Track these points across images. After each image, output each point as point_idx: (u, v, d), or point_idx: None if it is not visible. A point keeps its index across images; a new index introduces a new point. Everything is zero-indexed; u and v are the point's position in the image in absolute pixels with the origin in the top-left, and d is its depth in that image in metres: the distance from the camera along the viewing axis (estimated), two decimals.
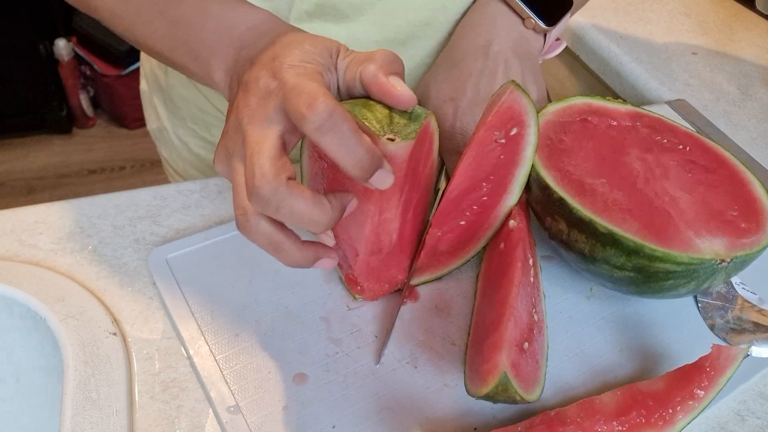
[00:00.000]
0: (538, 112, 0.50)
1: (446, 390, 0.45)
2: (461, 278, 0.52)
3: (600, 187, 0.47)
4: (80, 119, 2.36)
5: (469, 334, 0.47)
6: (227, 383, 0.44)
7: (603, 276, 0.47)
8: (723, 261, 0.42)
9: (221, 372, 0.44)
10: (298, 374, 0.45)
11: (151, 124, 0.79)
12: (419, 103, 0.56)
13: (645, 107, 0.55)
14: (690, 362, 0.42)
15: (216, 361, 0.45)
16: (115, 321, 0.48)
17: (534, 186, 0.49)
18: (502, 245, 0.49)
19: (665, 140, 0.51)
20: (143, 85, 0.78)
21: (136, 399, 0.43)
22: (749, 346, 0.45)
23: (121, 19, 0.49)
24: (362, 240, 0.46)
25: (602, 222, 0.44)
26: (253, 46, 0.41)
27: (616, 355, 0.48)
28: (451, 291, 0.51)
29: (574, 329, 0.49)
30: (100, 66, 2.21)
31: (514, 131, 0.47)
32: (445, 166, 0.56)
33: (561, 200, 0.46)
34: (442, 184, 0.56)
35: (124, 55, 2.13)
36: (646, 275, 0.44)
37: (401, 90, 0.39)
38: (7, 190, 2.14)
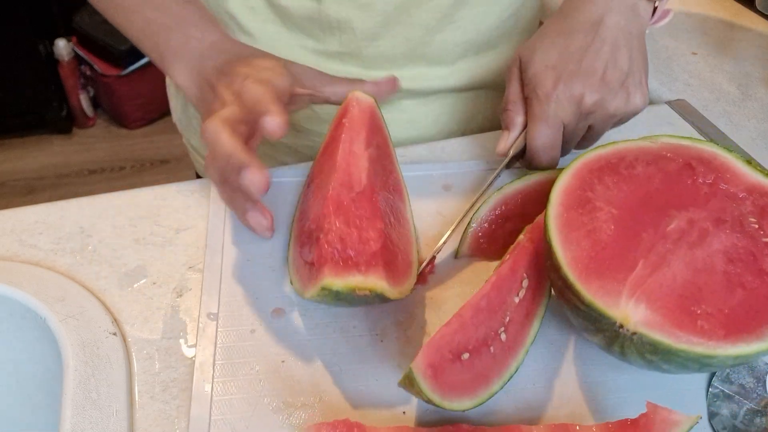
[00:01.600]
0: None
1: (397, 370, 0.46)
2: (475, 282, 0.52)
3: (602, 213, 0.44)
4: (80, 119, 2.36)
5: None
6: (219, 293, 0.49)
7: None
8: (623, 327, 0.39)
9: (219, 284, 0.50)
10: (278, 308, 0.49)
11: (176, 113, 0.81)
12: (521, 66, 0.58)
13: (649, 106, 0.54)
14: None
15: (221, 273, 0.51)
16: (115, 321, 0.48)
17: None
18: (507, 256, 0.47)
19: (756, 225, 0.44)
20: (169, 78, 0.79)
21: (136, 399, 0.43)
22: (699, 416, 0.39)
23: (106, 4, 0.57)
24: (334, 170, 0.49)
25: (553, 228, 0.44)
26: (216, 58, 0.52)
27: (585, 407, 0.45)
28: (448, 286, 0.51)
29: (556, 355, 0.47)
30: (100, 66, 2.21)
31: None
32: (526, 130, 0.56)
33: (549, 195, 0.46)
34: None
35: (124, 55, 2.13)
36: (567, 300, 0.43)
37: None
38: (7, 190, 2.14)
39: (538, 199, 0.52)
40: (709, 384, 0.46)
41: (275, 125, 0.44)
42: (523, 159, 0.58)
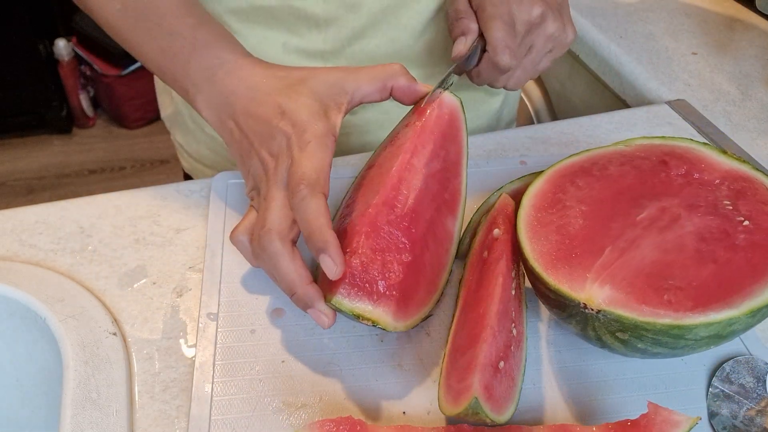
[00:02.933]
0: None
1: (398, 370, 0.45)
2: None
3: (572, 210, 0.45)
4: (80, 119, 2.36)
5: (447, 342, 0.46)
6: (219, 294, 0.49)
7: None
8: (587, 308, 0.39)
9: (219, 284, 0.50)
10: (279, 308, 0.49)
11: (166, 110, 0.80)
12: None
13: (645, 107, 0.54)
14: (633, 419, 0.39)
15: (221, 273, 0.51)
16: (115, 321, 0.48)
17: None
18: (485, 253, 0.48)
19: (731, 206, 0.44)
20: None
21: (136, 399, 0.43)
22: (699, 418, 0.38)
23: (118, 33, 0.54)
24: (384, 183, 0.47)
25: (522, 227, 0.45)
26: (240, 95, 0.48)
27: (585, 407, 0.45)
28: (449, 287, 0.51)
29: (555, 354, 0.47)
30: (100, 66, 2.21)
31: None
32: (480, 36, 0.55)
33: (522, 198, 0.47)
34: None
35: (124, 55, 2.13)
36: (539, 292, 0.44)
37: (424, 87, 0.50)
38: (7, 190, 2.14)
39: None
40: (709, 384, 0.46)
41: (335, 274, 0.41)
42: (477, 66, 0.57)
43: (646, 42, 0.87)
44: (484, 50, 0.55)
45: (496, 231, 0.48)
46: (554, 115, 1.03)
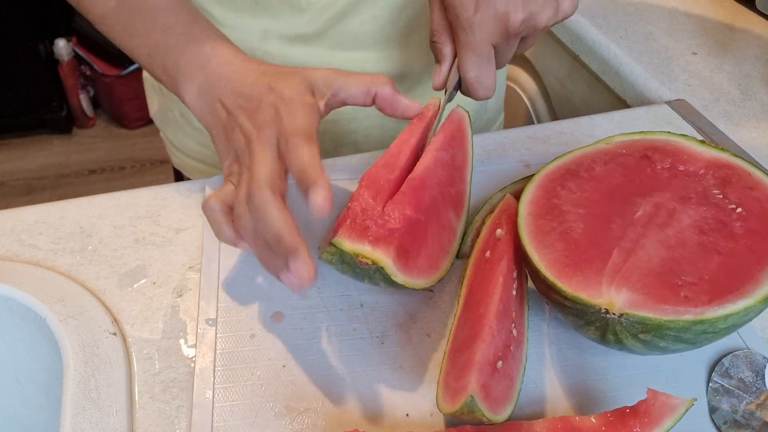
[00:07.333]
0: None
1: (399, 372, 0.45)
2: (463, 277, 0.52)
3: (570, 215, 0.45)
4: (80, 119, 2.36)
5: (448, 342, 0.46)
6: (217, 299, 0.49)
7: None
8: (609, 312, 0.39)
9: (217, 289, 0.50)
10: (278, 312, 0.49)
11: (154, 107, 0.80)
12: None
13: (648, 106, 0.54)
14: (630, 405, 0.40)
15: (219, 279, 0.50)
16: (115, 321, 0.48)
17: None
18: (487, 254, 0.48)
19: (720, 195, 0.45)
20: (145, 72, 0.79)
21: (136, 399, 0.43)
22: (695, 399, 0.39)
23: (111, 28, 0.55)
24: (390, 149, 0.49)
25: (526, 236, 0.45)
26: (231, 79, 0.49)
27: (581, 396, 0.45)
28: (449, 286, 0.51)
29: (557, 352, 0.48)
30: (100, 66, 2.21)
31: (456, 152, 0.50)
32: (456, 61, 0.53)
33: (518, 208, 0.47)
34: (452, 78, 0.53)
35: (124, 55, 2.12)
36: (553, 302, 0.44)
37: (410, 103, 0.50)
38: (7, 190, 2.15)
39: None
40: (709, 379, 0.46)
41: (322, 209, 0.40)
42: (462, 88, 0.54)
43: (646, 42, 0.87)
44: None
45: (498, 231, 0.48)
46: (554, 115, 1.03)
